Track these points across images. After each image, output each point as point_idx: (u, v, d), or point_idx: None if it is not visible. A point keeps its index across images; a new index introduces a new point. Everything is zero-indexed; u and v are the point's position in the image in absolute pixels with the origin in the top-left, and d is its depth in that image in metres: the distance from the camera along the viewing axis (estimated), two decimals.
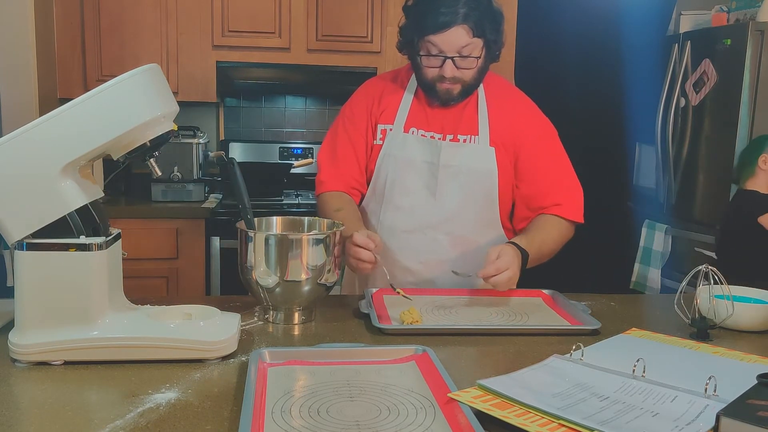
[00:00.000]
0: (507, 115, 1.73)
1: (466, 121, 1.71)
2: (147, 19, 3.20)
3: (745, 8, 3.56)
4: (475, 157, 1.69)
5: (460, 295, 1.61)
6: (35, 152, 1.10)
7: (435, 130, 1.72)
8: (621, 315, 1.51)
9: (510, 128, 1.71)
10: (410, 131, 1.72)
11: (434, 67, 1.62)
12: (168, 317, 1.23)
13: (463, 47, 1.58)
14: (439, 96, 1.67)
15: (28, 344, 1.11)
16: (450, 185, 1.69)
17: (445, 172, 1.69)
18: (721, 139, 3.29)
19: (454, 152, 1.69)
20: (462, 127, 1.71)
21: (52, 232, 1.12)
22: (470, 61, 1.61)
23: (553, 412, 0.91)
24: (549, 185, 1.72)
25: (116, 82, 1.10)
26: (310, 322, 1.41)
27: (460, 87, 1.65)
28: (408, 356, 1.16)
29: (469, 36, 1.57)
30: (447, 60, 1.59)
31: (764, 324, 1.39)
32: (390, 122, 1.74)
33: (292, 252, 1.34)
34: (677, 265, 3.56)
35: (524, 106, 1.79)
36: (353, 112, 1.79)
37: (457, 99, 1.68)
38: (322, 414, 0.94)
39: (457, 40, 1.57)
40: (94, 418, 0.93)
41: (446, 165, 1.68)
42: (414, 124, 1.72)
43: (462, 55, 1.59)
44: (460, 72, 1.62)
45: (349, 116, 1.79)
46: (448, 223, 1.70)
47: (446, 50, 1.58)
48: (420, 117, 1.73)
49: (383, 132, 1.74)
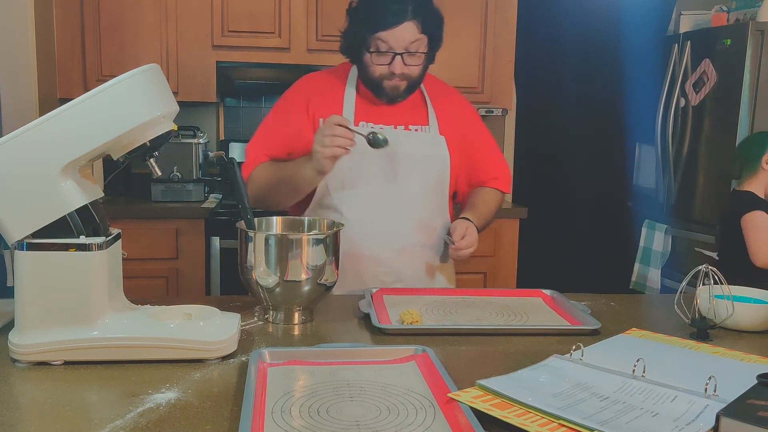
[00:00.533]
0: (452, 109, 1.84)
1: (415, 113, 1.78)
2: (147, 19, 3.20)
3: (745, 8, 3.56)
4: (430, 145, 1.76)
5: (460, 295, 1.61)
6: (35, 152, 1.10)
7: (384, 122, 1.75)
8: (621, 315, 1.51)
9: (453, 118, 1.82)
10: (360, 124, 1.73)
11: (383, 65, 1.66)
12: (168, 317, 1.23)
13: (411, 43, 1.63)
14: (387, 93, 1.71)
15: (28, 344, 1.11)
16: (410, 172, 1.73)
17: (401, 160, 1.72)
18: (721, 139, 3.29)
19: (407, 140, 1.73)
20: (411, 118, 1.77)
21: (52, 232, 1.12)
22: (417, 57, 1.66)
23: (553, 412, 0.91)
24: (487, 162, 1.90)
25: (116, 82, 1.10)
26: (310, 322, 1.41)
27: (407, 83, 1.70)
28: (408, 356, 1.16)
29: (417, 32, 1.63)
30: (396, 56, 1.64)
31: (764, 324, 1.39)
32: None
33: (292, 252, 1.34)
34: (677, 265, 3.56)
35: (459, 97, 1.92)
36: (288, 106, 1.78)
37: (404, 95, 1.73)
38: (322, 414, 0.94)
39: (407, 36, 1.62)
40: (94, 418, 0.93)
41: (405, 152, 1.72)
42: (363, 118, 1.74)
43: (410, 52, 1.64)
44: (408, 68, 1.67)
45: (283, 111, 1.78)
46: (412, 209, 1.74)
47: (395, 47, 1.63)
48: (368, 112, 1.75)
49: None
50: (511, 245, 3.31)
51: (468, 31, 3.45)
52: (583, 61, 3.96)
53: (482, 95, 3.51)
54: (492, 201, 1.87)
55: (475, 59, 3.47)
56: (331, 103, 1.75)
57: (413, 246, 1.75)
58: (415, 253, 1.75)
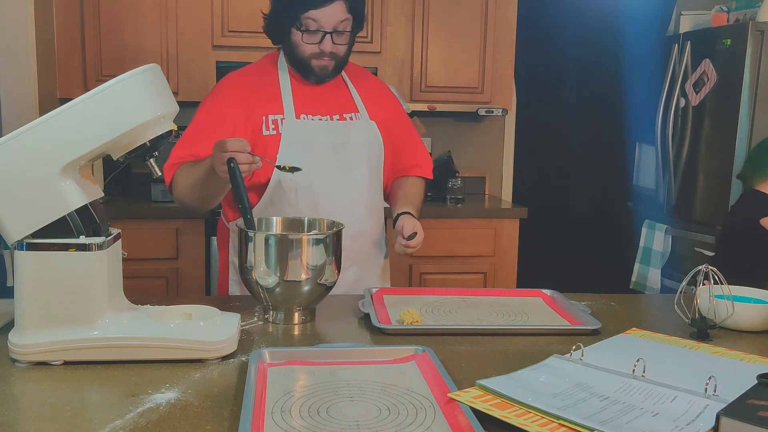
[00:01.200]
0: (375, 93, 1.87)
1: (344, 100, 1.80)
2: (147, 19, 3.20)
3: (745, 8, 3.56)
4: (364, 132, 1.79)
5: (461, 295, 1.61)
6: (35, 152, 1.10)
7: (321, 112, 1.76)
8: (621, 315, 1.51)
9: (381, 105, 1.85)
10: (301, 117, 1.73)
11: (312, 44, 1.68)
12: (168, 317, 1.23)
13: (340, 22, 1.66)
14: (315, 73, 1.72)
15: (27, 344, 1.11)
16: (353, 160, 1.75)
17: (345, 150, 1.74)
18: (721, 139, 3.29)
19: (347, 130, 1.75)
20: (343, 106, 1.79)
21: (52, 232, 1.12)
22: (345, 36, 1.69)
23: (553, 412, 0.91)
24: (411, 148, 1.92)
25: (116, 82, 1.10)
26: (311, 322, 1.41)
27: (334, 63, 1.72)
28: (408, 356, 1.16)
29: (345, 11, 1.66)
30: (326, 35, 1.66)
31: (764, 324, 1.39)
32: (279, 112, 1.72)
33: (292, 252, 1.34)
34: (677, 265, 3.56)
35: (383, 86, 1.96)
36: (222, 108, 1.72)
37: (331, 75, 1.75)
38: (322, 414, 0.94)
39: (336, 14, 1.65)
40: (94, 418, 0.93)
41: (345, 143, 1.74)
42: (302, 110, 1.74)
43: (338, 31, 1.67)
44: (336, 47, 1.69)
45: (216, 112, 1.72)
46: (362, 196, 1.77)
47: (325, 25, 1.65)
48: (303, 102, 1.75)
49: (275, 122, 1.72)
50: (511, 245, 3.31)
51: (468, 31, 3.45)
52: (583, 61, 3.96)
53: (482, 95, 3.51)
54: (421, 192, 1.90)
55: (475, 59, 3.47)
56: (270, 97, 1.73)
57: (365, 230, 1.78)
58: (367, 236, 1.80)
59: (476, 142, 3.91)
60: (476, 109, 3.50)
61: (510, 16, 3.50)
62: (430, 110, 3.48)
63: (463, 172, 3.74)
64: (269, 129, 1.71)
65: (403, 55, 3.44)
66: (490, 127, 3.91)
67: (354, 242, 1.74)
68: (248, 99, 1.72)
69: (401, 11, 3.40)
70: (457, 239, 3.23)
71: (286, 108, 1.72)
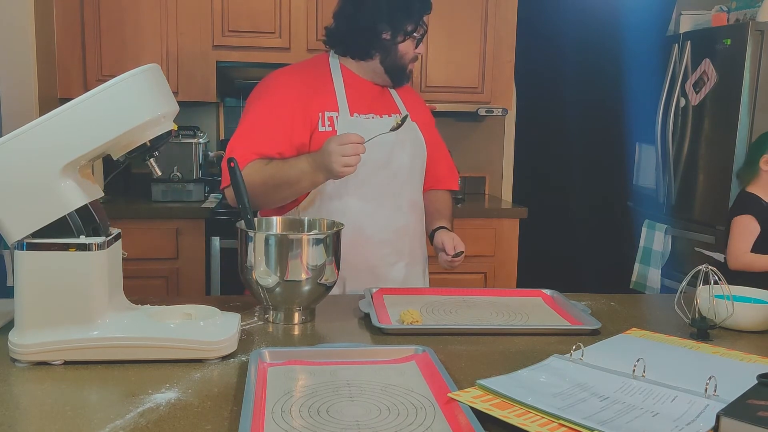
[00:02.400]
0: (409, 97, 1.92)
1: (388, 102, 1.85)
2: (147, 19, 3.20)
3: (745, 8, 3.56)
4: (410, 131, 1.83)
5: (461, 295, 1.61)
6: (35, 152, 1.10)
7: (370, 111, 1.79)
8: (621, 315, 1.51)
9: (416, 108, 1.90)
10: (354, 115, 1.76)
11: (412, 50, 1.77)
12: (168, 317, 1.23)
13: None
14: (408, 76, 1.84)
15: (28, 344, 1.11)
16: (402, 157, 1.80)
17: (396, 148, 1.78)
18: (721, 139, 3.29)
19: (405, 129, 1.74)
20: (389, 107, 1.84)
21: (52, 232, 1.12)
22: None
23: (553, 412, 0.91)
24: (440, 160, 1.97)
25: (116, 82, 1.10)
26: (311, 322, 1.41)
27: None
28: (408, 356, 1.16)
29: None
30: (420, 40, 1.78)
31: (764, 324, 1.39)
32: (334, 109, 1.74)
33: (292, 252, 1.34)
34: (677, 265, 3.56)
35: (414, 91, 2.01)
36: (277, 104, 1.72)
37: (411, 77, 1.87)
38: (322, 414, 0.94)
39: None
40: (94, 418, 0.93)
41: (395, 141, 1.76)
42: (356, 110, 1.77)
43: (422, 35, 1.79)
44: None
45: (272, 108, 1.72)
46: (405, 191, 1.81)
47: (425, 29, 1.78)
48: (355, 102, 1.78)
49: (330, 119, 1.73)
50: (512, 245, 3.31)
51: (468, 31, 3.45)
52: (583, 61, 3.96)
53: (482, 95, 3.51)
54: (451, 205, 1.98)
55: (475, 59, 3.47)
56: (325, 95, 1.75)
57: (408, 225, 1.82)
58: (410, 231, 1.83)
59: (476, 141, 3.91)
60: (476, 109, 3.50)
61: (510, 16, 3.50)
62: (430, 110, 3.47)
63: (463, 171, 3.74)
64: (325, 125, 1.73)
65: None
66: (491, 127, 3.91)
67: (399, 237, 1.80)
68: (304, 96, 1.73)
69: None
70: None
71: (341, 105, 1.75)
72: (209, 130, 3.67)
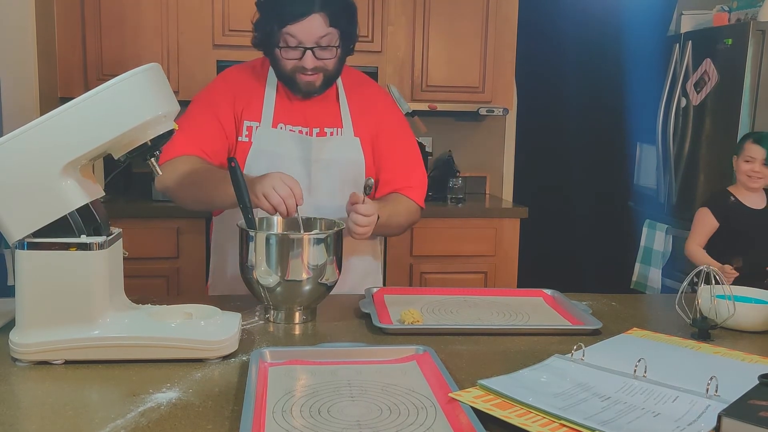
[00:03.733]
0: (366, 105, 1.76)
1: (329, 113, 1.73)
2: (147, 18, 3.20)
3: (747, 8, 3.56)
4: (343, 149, 1.71)
5: (461, 295, 1.61)
6: (36, 152, 1.10)
7: (302, 124, 1.71)
8: (622, 315, 1.51)
9: (370, 118, 1.75)
10: (278, 126, 1.70)
11: (293, 59, 1.61)
12: (169, 317, 1.23)
13: (321, 37, 1.58)
14: (301, 88, 1.66)
15: (28, 343, 1.11)
16: (322, 178, 1.70)
17: (317, 166, 1.69)
18: (721, 138, 3.28)
19: (323, 145, 1.70)
20: (326, 119, 1.72)
21: (52, 232, 1.12)
22: (330, 51, 1.61)
23: (554, 412, 0.91)
24: (403, 170, 1.78)
25: (117, 81, 1.10)
26: (311, 321, 1.41)
27: (322, 77, 1.65)
28: (409, 356, 1.16)
29: (326, 25, 1.57)
30: (307, 51, 1.58)
31: (765, 324, 1.39)
32: (256, 119, 1.70)
33: (293, 251, 1.34)
34: (678, 265, 3.56)
35: (381, 96, 1.83)
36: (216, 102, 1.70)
37: (319, 90, 1.67)
38: (323, 414, 0.94)
39: (315, 29, 1.57)
40: (95, 418, 0.93)
41: (317, 159, 1.69)
42: (281, 120, 1.71)
43: (321, 46, 1.59)
44: (321, 62, 1.62)
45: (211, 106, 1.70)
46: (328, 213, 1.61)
47: (305, 40, 1.58)
48: (285, 111, 1.71)
49: (249, 129, 1.69)
50: (512, 245, 3.31)
51: (469, 31, 3.45)
52: (584, 61, 3.96)
53: (483, 95, 3.51)
54: (400, 205, 1.73)
55: (476, 58, 3.47)
56: (252, 102, 1.71)
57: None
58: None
59: (477, 141, 3.91)
60: (477, 109, 3.50)
61: (511, 16, 3.50)
62: (430, 110, 3.48)
63: (464, 171, 3.73)
64: (242, 135, 1.70)
65: (403, 55, 3.44)
66: (491, 127, 3.91)
67: None
68: (235, 101, 1.70)
69: (402, 11, 3.40)
70: (458, 239, 3.23)
71: (264, 116, 1.69)
72: None
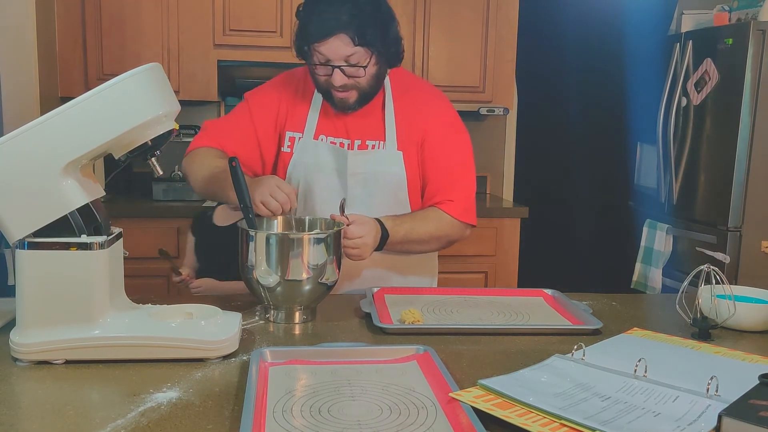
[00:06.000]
0: (413, 115, 1.70)
1: (373, 125, 1.69)
2: (148, 18, 3.20)
3: (747, 8, 3.56)
4: (382, 163, 1.67)
5: (462, 295, 1.61)
6: (36, 151, 1.10)
7: (343, 136, 1.68)
8: (622, 315, 1.51)
9: (416, 128, 1.69)
10: (320, 138, 1.69)
11: (325, 75, 1.58)
12: (169, 316, 1.23)
13: (348, 56, 1.54)
14: (335, 104, 1.63)
15: (29, 343, 1.11)
16: (358, 192, 1.67)
17: (353, 180, 1.66)
18: (722, 138, 3.28)
19: (360, 160, 1.66)
20: (369, 132, 1.69)
21: (53, 231, 1.12)
22: (359, 69, 1.56)
23: (554, 412, 0.91)
24: (445, 183, 1.70)
25: (117, 81, 1.10)
26: (312, 321, 1.41)
27: (357, 94, 1.61)
28: (409, 356, 1.16)
29: (351, 45, 1.52)
30: (335, 69, 1.55)
31: (766, 324, 1.39)
32: (299, 130, 1.70)
33: (293, 251, 1.34)
34: (678, 265, 3.55)
35: (430, 102, 1.74)
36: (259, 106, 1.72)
37: (355, 106, 1.64)
38: (323, 413, 0.94)
39: (340, 48, 1.52)
40: (96, 417, 0.93)
41: (353, 173, 1.66)
42: (323, 131, 1.69)
43: (350, 64, 1.55)
44: (352, 80, 1.58)
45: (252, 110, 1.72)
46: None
47: (332, 58, 1.54)
48: (328, 123, 1.70)
49: (291, 140, 1.70)
50: (513, 245, 3.31)
51: (469, 30, 3.45)
52: (585, 61, 3.96)
53: (483, 94, 3.51)
54: (428, 220, 1.67)
55: (476, 58, 3.47)
56: (297, 114, 1.71)
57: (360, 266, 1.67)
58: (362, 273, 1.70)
59: (477, 141, 3.88)
60: (477, 108, 3.50)
61: (511, 15, 3.50)
62: None
63: None
64: (285, 146, 1.71)
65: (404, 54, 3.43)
66: (492, 127, 3.91)
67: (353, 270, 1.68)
68: (278, 113, 1.71)
69: (402, 10, 3.39)
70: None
71: (306, 127, 1.69)
72: None
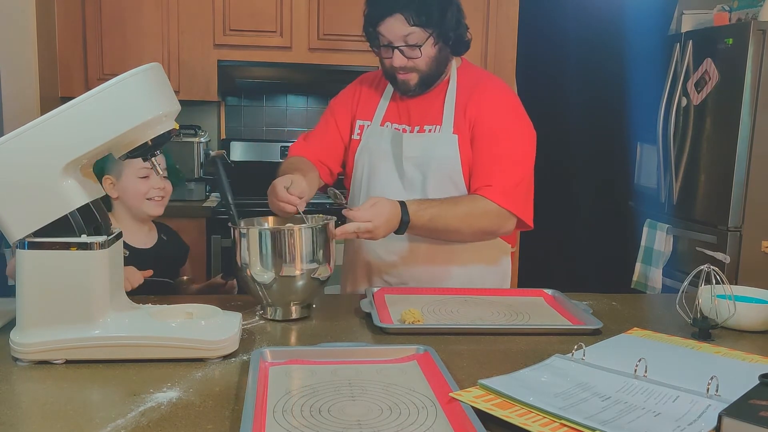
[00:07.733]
0: (471, 103, 1.70)
1: (432, 111, 1.72)
2: (148, 18, 3.20)
3: (747, 8, 3.56)
4: (436, 145, 1.68)
5: (462, 295, 1.61)
6: (37, 151, 1.10)
7: (405, 122, 1.74)
8: (622, 315, 1.51)
9: (471, 111, 1.69)
10: (385, 125, 1.75)
11: (388, 58, 1.63)
12: (169, 316, 1.23)
13: (406, 36, 1.58)
14: (398, 87, 1.69)
15: (29, 343, 1.11)
16: (415, 175, 1.70)
17: (408, 163, 1.70)
18: (722, 138, 3.28)
19: (415, 143, 1.70)
20: (428, 117, 1.72)
21: (53, 231, 1.12)
22: (416, 50, 1.60)
23: (554, 412, 0.91)
24: (487, 169, 1.67)
25: (118, 81, 1.10)
26: (310, 319, 1.41)
27: (417, 77, 1.65)
28: (409, 355, 1.16)
29: (406, 25, 1.56)
30: (395, 50, 1.60)
31: (766, 324, 1.39)
32: (368, 118, 1.77)
33: (284, 246, 1.34)
34: (678, 265, 3.55)
35: (493, 95, 1.73)
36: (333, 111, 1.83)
37: (416, 89, 1.68)
38: (323, 413, 0.94)
39: (397, 29, 1.57)
40: (96, 417, 0.93)
41: (408, 156, 1.69)
42: (389, 118, 1.76)
43: (408, 45, 1.59)
44: (411, 62, 1.62)
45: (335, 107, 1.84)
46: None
47: (392, 39, 1.59)
48: (394, 111, 1.76)
49: (361, 128, 1.78)
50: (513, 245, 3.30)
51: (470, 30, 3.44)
52: (585, 60, 3.96)
53: None
54: (457, 205, 1.62)
55: (476, 58, 3.47)
56: (369, 103, 1.79)
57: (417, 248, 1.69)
58: (419, 255, 1.70)
59: None
60: None
61: (511, 15, 3.49)
62: None
63: None
64: (355, 134, 1.78)
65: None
66: None
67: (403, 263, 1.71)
68: (353, 103, 1.80)
69: None
70: None
71: (375, 115, 1.76)
72: (210, 129, 3.67)
